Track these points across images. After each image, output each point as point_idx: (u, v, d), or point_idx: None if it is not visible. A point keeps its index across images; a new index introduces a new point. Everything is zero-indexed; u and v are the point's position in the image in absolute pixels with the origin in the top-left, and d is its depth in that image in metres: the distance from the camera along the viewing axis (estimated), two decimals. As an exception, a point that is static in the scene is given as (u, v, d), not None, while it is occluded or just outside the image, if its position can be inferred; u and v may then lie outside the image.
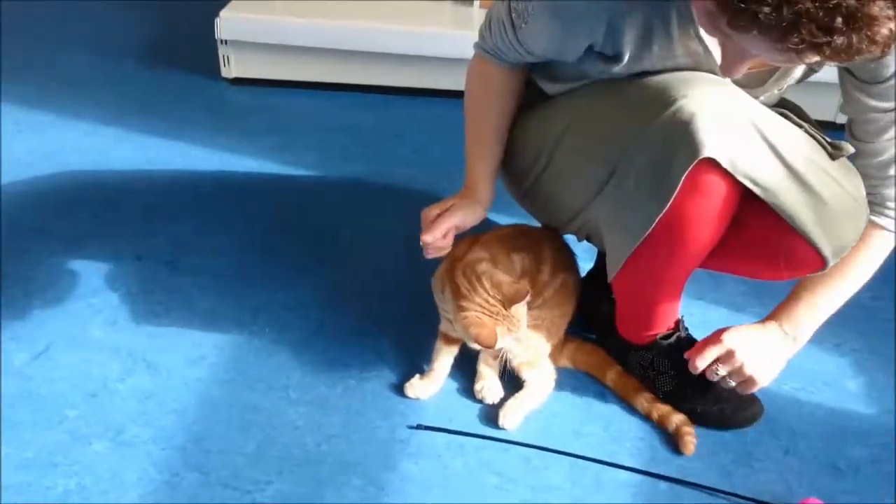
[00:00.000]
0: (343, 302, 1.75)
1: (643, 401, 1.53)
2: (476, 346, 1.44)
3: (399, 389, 1.55)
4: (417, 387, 1.54)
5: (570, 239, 1.62)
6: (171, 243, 1.90)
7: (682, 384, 1.51)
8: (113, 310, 1.71)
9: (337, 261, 1.87)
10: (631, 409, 1.54)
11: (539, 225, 1.65)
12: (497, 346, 1.43)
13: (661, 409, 1.51)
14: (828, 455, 1.48)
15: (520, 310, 1.44)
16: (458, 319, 1.44)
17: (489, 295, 1.42)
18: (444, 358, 1.55)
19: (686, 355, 1.45)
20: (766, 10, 0.94)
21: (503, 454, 1.45)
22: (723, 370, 1.43)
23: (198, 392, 1.54)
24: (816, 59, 0.99)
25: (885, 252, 1.41)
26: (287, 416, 1.50)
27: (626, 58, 1.28)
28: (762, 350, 1.42)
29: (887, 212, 1.38)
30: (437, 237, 1.44)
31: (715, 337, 1.43)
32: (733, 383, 1.45)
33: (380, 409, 1.52)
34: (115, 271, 1.81)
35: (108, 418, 1.48)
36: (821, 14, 0.92)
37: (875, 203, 1.37)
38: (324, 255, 1.89)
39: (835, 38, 0.94)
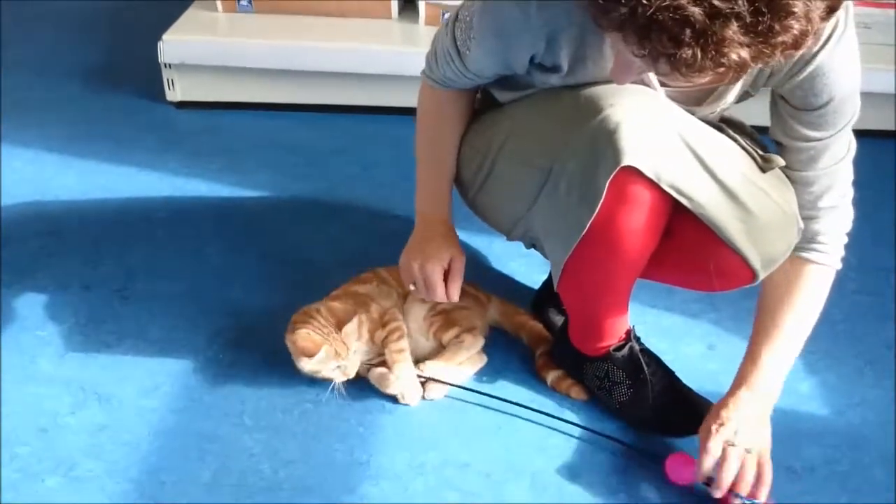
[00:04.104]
0: (297, 324, 1.74)
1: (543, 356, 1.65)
2: (302, 366, 1.52)
3: (356, 412, 1.54)
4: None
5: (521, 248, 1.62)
6: (122, 271, 1.88)
7: (637, 394, 1.52)
8: (62, 341, 1.68)
9: (290, 282, 1.86)
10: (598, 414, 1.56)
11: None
12: (322, 369, 1.52)
13: (554, 374, 1.61)
14: (783, 457, 1.48)
15: (350, 337, 1.52)
16: (288, 338, 1.54)
17: (322, 318, 1.53)
18: None
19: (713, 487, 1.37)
20: (623, 10, 0.96)
21: (463, 471, 1.45)
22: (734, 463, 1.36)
23: (151, 422, 1.52)
24: (669, 71, 1.00)
25: (827, 286, 1.43)
26: (243, 444, 1.48)
27: (565, 70, 1.29)
28: (755, 424, 1.39)
29: (819, 246, 1.39)
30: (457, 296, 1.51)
31: (710, 444, 1.37)
32: (752, 469, 1.36)
33: (337, 433, 1.51)
34: (63, 302, 1.78)
35: (60, 453, 1.46)
36: (670, 24, 0.93)
37: (805, 239, 1.38)
38: (276, 277, 1.88)
39: (683, 50, 0.95)
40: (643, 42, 0.97)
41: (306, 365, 1.51)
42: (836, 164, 1.33)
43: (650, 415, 1.52)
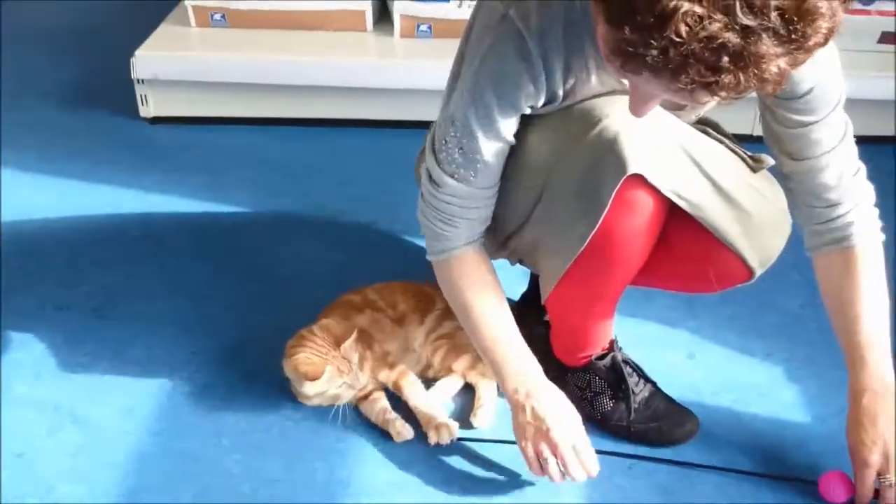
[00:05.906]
0: (278, 342, 1.71)
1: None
2: (306, 390, 1.50)
3: (335, 429, 1.53)
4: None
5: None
6: (99, 291, 1.86)
7: (619, 405, 1.52)
8: (37, 363, 1.66)
9: (271, 300, 1.85)
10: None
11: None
12: (328, 389, 1.50)
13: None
14: (767, 465, 1.49)
15: (350, 353, 1.50)
16: (287, 364, 1.52)
17: (319, 338, 1.51)
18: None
19: None
20: (654, 53, 0.93)
21: (447, 487, 1.44)
22: (891, 477, 1.34)
23: (130, 444, 1.50)
24: (709, 97, 0.98)
25: (880, 258, 1.39)
26: (223, 464, 1.47)
27: (560, 97, 1.27)
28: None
29: (855, 228, 1.36)
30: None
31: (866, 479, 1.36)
32: None
33: (318, 451, 1.50)
34: (39, 323, 1.76)
35: (38, 478, 1.44)
36: (706, 54, 0.92)
37: (840, 227, 1.36)
38: (257, 295, 1.86)
39: (722, 76, 0.93)
40: (678, 77, 0.95)
41: (311, 388, 1.49)
42: (840, 142, 1.32)
43: (632, 426, 1.52)
